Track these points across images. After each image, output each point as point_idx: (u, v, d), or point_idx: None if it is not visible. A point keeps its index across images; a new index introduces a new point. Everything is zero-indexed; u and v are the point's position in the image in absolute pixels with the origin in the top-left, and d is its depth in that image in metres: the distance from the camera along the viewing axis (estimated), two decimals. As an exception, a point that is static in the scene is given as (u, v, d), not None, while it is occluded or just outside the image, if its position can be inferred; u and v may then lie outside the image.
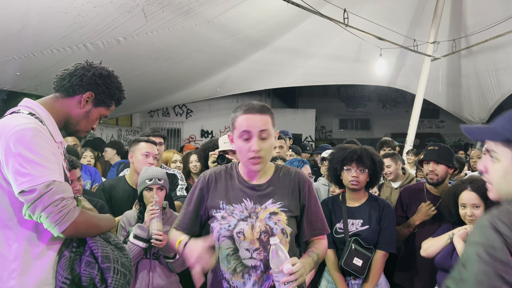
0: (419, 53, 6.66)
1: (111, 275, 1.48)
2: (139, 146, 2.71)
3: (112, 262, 1.50)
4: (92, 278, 1.47)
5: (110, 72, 1.62)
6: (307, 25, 6.46)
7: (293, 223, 1.58)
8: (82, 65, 1.58)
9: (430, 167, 2.55)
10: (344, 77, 8.74)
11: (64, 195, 1.36)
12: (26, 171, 1.33)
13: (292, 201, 1.58)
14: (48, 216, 1.33)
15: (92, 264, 1.47)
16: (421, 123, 11.84)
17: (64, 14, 4.09)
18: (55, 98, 1.56)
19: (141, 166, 2.67)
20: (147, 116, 10.96)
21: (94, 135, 8.00)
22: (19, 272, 1.40)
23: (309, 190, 1.62)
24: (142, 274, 2.24)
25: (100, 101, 1.60)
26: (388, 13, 6.77)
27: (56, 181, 1.37)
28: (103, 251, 1.50)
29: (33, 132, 1.37)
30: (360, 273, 2.29)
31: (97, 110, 1.61)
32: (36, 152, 1.36)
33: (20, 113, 1.44)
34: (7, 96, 5.80)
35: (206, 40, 5.70)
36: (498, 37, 6.43)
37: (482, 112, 9.29)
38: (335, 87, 14.57)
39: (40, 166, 1.35)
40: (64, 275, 1.44)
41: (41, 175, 1.34)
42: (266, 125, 1.51)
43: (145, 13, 4.49)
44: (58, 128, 1.54)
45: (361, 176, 2.38)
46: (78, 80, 1.54)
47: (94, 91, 1.56)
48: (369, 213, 2.39)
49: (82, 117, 1.58)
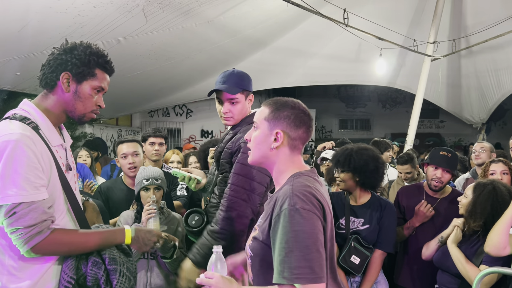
0: (419, 53, 6.65)
1: (116, 277, 1.47)
2: (118, 149, 2.78)
3: (119, 264, 1.50)
4: (98, 278, 1.46)
5: (75, 43, 1.52)
6: (307, 25, 6.45)
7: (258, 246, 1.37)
8: (51, 52, 1.53)
9: (438, 173, 2.53)
10: (344, 77, 8.73)
11: (23, 224, 1.32)
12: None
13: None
14: (11, 237, 1.34)
15: (99, 264, 1.47)
16: (421, 123, 11.83)
17: (64, 14, 4.09)
18: (44, 95, 1.52)
19: (124, 168, 2.74)
20: (147, 116, 10.95)
21: (94, 135, 8.00)
22: (16, 271, 1.39)
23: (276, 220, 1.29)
24: (140, 274, 2.25)
25: (79, 75, 1.49)
26: (388, 13, 6.76)
27: (23, 204, 1.32)
28: (110, 253, 1.50)
29: (14, 144, 1.32)
30: (357, 271, 2.31)
31: (84, 85, 1.50)
32: (10, 167, 1.31)
33: (12, 120, 1.40)
34: (7, 96, 5.80)
35: (206, 40, 5.70)
36: (498, 37, 6.41)
37: (482, 112, 9.28)
38: (335, 87, 14.56)
39: (7, 183, 1.31)
40: (70, 275, 1.44)
41: (8, 194, 1.31)
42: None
43: (145, 13, 4.49)
44: (55, 130, 1.50)
45: (344, 176, 2.41)
46: (48, 67, 1.49)
47: (66, 68, 1.48)
48: (371, 212, 2.40)
49: (73, 100, 1.50)
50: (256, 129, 1.43)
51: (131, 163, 2.70)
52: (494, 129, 13.41)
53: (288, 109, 1.40)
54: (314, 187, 1.34)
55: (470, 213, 2.20)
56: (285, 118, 1.38)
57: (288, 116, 1.38)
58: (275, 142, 1.37)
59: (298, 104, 1.43)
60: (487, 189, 2.19)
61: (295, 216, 1.23)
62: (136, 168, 2.68)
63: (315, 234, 1.24)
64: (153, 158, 3.19)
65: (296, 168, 1.40)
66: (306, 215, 1.24)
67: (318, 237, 1.24)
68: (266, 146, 1.39)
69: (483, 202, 2.17)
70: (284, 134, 1.37)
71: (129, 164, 2.70)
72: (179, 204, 3.07)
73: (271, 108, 1.41)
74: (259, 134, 1.41)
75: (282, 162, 1.40)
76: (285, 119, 1.38)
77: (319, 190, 1.34)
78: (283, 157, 1.39)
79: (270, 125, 1.39)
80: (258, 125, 1.42)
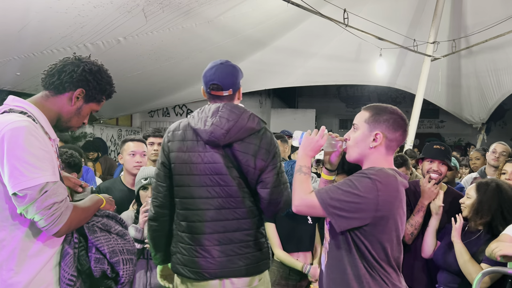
0: (419, 53, 6.65)
1: (121, 267, 1.53)
2: (125, 147, 2.74)
3: (120, 254, 1.53)
4: (104, 270, 1.52)
5: (100, 66, 1.58)
6: (307, 25, 6.45)
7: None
8: (71, 60, 1.54)
9: (434, 166, 2.51)
10: (344, 77, 8.73)
11: (56, 199, 1.35)
12: (18, 172, 1.31)
13: None
14: (41, 219, 1.33)
15: (102, 260, 1.51)
16: (421, 123, 11.84)
17: (64, 14, 4.09)
18: (45, 97, 1.52)
19: (129, 166, 2.70)
20: (147, 116, 10.95)
21: (94, 135, 8.00)
22: (14, 270, 1.39)
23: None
24: (140, 274, 2.25)
25: (91, 97, 1.56)
26: (388, 13, 6.76)
27: (49, 183, 1.35)
28: (109, 246, 1.53)
29: (25, 130, 1.34)
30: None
31: (88, 106, 1.57)
32: (29, 151, 1.33)
33: (10, 113, 1.41)
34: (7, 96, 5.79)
35: (206, 40, 5.70)
36: (498, 37, 6.41)
37: (482, 112, 9.28)
38: (335, 87, 14.56)
39: (32, 167, 1.33)
40: (70, 272, 1.45)
41: (34, 177, 1.32)
42: None
43: (145, 13, 4.49)
44: (51, 126, 1.52)
45: (338, 178, 2.42)
46: (68, 77, 1.50)
47: (85, 87, 1.53)
48: None
49: (73, 114, 1.55)
50: (356, 130, 1.62)
51: (139, 162, 2.69)
52: (494, 129, 13.41)
53: (388, 114, 1.59)
54: (395, 178, 1.53)
55: (476, 211, 2.21)
56: (384, 121, 1.57)
57: (387, 119, 1.57)
58: (373, 142, 1.57)
59: (396, 110, 1.62)
60: (491, 187, 2.22)
61: (363, 178, 1.48)
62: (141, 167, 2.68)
63: (363, 193, 1.46)
64: (152, 158, 3.18)
65: (388, 166, 1.58)
66: (372, 183, 1.46)
67: (367, 198, 1.46)
68: (365, 145, 1.58)
69: (489, 199, 2.19)
70: (383, 136, 1.57)
71: (136, 163, 2.69)
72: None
73: (371, 112, 1.60)
74: (359, 135, 1.60)
75: (377, 160, 1.57)
76: (384, 122, 1.57)
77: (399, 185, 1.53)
78: (379, 156, 1.58)
79: (370, 127, 1.58)
80: (358, 126, 1.62)
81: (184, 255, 1.82)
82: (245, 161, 1.78)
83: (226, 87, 1.88)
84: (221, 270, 1.78)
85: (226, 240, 1.79)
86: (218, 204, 1.79)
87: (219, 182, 1.79)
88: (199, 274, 1.79)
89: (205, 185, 1.79)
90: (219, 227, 1.79)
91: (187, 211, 1.83)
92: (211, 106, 1.88)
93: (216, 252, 1.78)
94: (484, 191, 2.22)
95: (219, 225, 1.79)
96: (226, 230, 1.79)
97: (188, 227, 1.82)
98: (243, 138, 1.80)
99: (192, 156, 1.82)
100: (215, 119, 1.79)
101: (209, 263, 1.78)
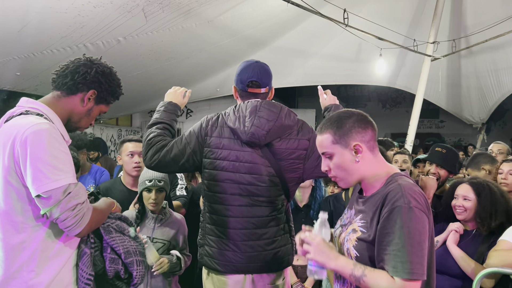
0: (419, 53, 6.65)
1: (135, 268, 1.57)
2: (124, 147, 2.75)
3: (134, 255, 1.58)
4: (118, 271, 1.56)
5: (111, 69, 1.62)
6: (307, 25, 6.45)
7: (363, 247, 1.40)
8: (83, 61, 1.57)
9: (432, 169, 2.50)
10: (344, 77, 8.73)
11: (79, 200, 1.39)
12: (42, 174, 1.34)
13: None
14: (64, 220, 1.36)
15: (116, 260, 1.56)
16: (421, 123, 11.83)
17: (64, 14, 4.09)
18: (57, 97, 1.54)
19: (128, 167, 2.70)
20: (147, 116, 10.95)
21: (94, 135, 8.00)
22: (35, 271, 1.40)
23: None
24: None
25: (102, 99, 1.60)
26: (388, 13, 6.76)
27: (71, 185, 1.38)
28: (124, 247, 1.58)
29: (47, 133, 1.37)
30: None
31: (98, 107, 1.61)
32: (51, 154, 1.36)
33: (29, 115, 1.43)
34: (7, 96, 5.80)
35: (206, 40, 5.70)
36: (498, 37, 6.41)
37: (482, 112, 9.28)
38: (335, 87, 14.53)
39: (55, 169, 1.36)
40: (88, 272, 1.49)
41: (57, 179, 1.35)
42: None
43: (145, 13, 4.49)
44: (64, 127, 1.55)
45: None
46: (82, 78, 1.53)
47: (97, 89, 1.56)
48: None
49: (84, 114, 1.58)
50: (331, 157, 1.45)
51: (137, 163, 2.69)
52: (494, 129, 13.41)
53: (347, 120, 1.44)
54: (415, 183, 1.41)
55: (490, 213, 2.19)
56: (350, 129, 1.43)
57: (352, 125, 1.43)
58: (356, 154, 1.43)
59: (350, 111, 1.50)
60: (488, 188, 2.21)
61: (409, 214, 1.30)
62: (140, 168, 2.67)
63: (425, 233, 1.32)
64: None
65: (386, 167, 1.48)
66: (419, 214, 1.31)
67: (426, 236, 1.32)
68: (351, 164, 1.43)
69: (498, 200, 2.19)
70: (360, 142, 1.43)
71: (134, 163, 2.69)
72: (179, 204, 3.06)
73: (332, 130, 1.44)
74: (338, 159, 1.44)
75: (371, 167, 1.45)
76: (351, 130, 1.43)
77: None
78: (369, 162, 1.44)
79: (342, 145, 1.42)
80: (330, 152, 1.45)
81: (212, 247, 1.87)
82: (286, 156, 1.86)
83: (264, 84, 1.96)
84: (248, 265, 1.83)
85: (255, 236, 1.84)
86: (250, 201, 1.85)
87: (253, 181, 1.83)
88: (227, 267, 1.84)
89: (239, 183, 1.84)
90: (249, 224, 1.84)
91: (218, 205, 1.87)
92: (247, 104, 1.92)
93: (245, 247, 1.83)
94: (488, 192, 2.21)
95: (250, 222, 1.84)
96: (256, 226, 1.85)
97: (218, 221, 1.87)
98: (282, 136, 1.87)
99: (228, 154, 1.86)
100: (256, 120, 1.84)
101: (237, 256, 1.83)
